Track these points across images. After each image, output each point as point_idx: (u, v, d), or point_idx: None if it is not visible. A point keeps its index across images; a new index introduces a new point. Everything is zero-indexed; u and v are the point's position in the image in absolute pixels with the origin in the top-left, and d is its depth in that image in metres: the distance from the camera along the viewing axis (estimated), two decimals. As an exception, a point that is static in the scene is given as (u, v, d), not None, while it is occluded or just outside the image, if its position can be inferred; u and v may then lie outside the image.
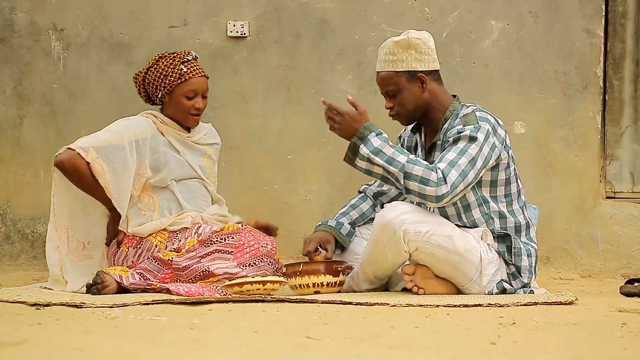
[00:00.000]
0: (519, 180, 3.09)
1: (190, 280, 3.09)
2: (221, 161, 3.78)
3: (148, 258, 3.17)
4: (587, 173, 3.68)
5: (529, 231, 3.09)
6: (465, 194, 3.00)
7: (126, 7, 3.80)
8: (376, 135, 2.92)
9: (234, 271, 3.07)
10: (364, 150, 2.90)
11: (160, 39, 3.77)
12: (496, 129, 2.99)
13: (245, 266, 3.10)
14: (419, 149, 3.18)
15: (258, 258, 3.13)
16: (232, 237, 3.14)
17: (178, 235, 3.21)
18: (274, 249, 3.17)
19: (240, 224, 3.21)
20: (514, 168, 3.07)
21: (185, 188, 3.32)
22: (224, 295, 2.96)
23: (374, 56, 3.70)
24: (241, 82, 3.78)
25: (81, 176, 3.14)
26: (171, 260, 3.10)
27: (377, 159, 2.89)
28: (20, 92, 3.84)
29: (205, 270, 3.07)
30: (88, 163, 3.12)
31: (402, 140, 3.30)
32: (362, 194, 3.32)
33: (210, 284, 3.06)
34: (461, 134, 2.94)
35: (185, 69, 3.23)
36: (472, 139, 2.92)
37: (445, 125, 3.04)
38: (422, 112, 3.08)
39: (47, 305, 2.75)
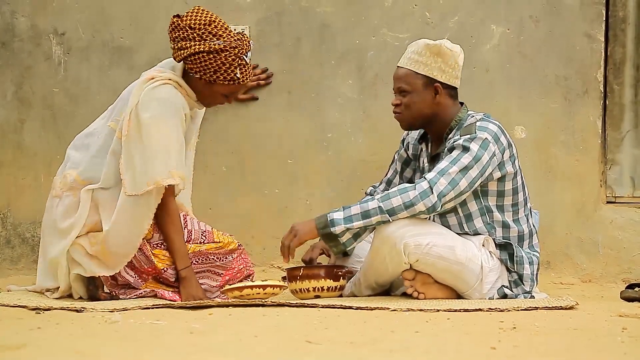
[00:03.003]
0: (525, 189, 3.10)
1: (173, 286, 3.07)
2: (221, 165, 3.79)
3: (139, 249, 3.04)
4: (587, 178, 3.68)
5: (532, 239, 3.09)
6: (467, 203, 3.00)
7: (127, 11, 3.80)
8: (333, 212, 2.92)
9: (214, 295, 3.09)
10: (337, 229, 2.90)
11: (162, 43, 3.77)
12: (498, 138, 2.98)
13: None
14: (424, 158, 3.18)
15: (239, 281, 3.15)
16: (227, 258, 3.13)
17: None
18: (252, 276, 3.20)
19: (237, 245, 3.17)
20: (522, 177, 3.07)
21: None
22: (224, 298, 2.96)
23: (375, 60, 3.71)
24: (242, 87, 3.78)
25: (172, 232, 3.05)
26: (164, 270, 3.05)
27: (355, 224, 2.89)
28: (21, 96, 3.84)
29: None
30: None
31: (406, 144, 3.30)
32: (370, 196, 3.32)
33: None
34: (455, 144, 2.95)
35: (239, 75, 3.06)
36: (465, 149, 2.93)
37: (450, 136, 3.04)
38: (424, 121, 3.08)
39: (48, 309, 2.75)
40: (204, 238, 3.13)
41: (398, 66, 3.09)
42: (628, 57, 3.74)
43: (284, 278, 3.11)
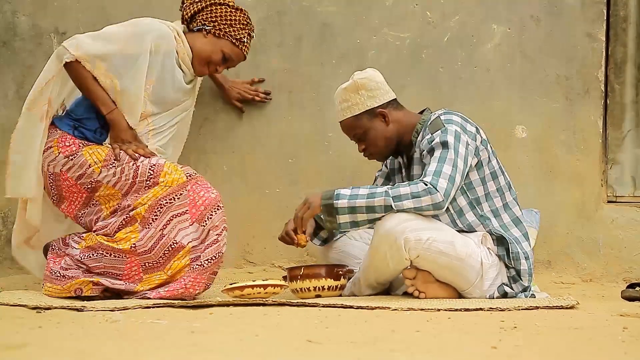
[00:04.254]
0: (505, 174, 3.12)
1: (161, 259, 3.03)
2: (222, 165, 3.79)
3: (104, 255, 3.03)
4: (588, 177, 3.68)
5: (523, 226, 3.11)
6: (456, 199, 3.03)
7: (127, 11, 3.80)
8: (342, 188, 2.97)
9: (197, 235, 3.04)
10: (340, 203, 2.92)
11: (162, 43, 3.77)
12: (465, 127, 3.03)
13: (205, 222, 3.05)
14: (402, 168, 3.21)
15: (213, 209, 3.08)
16: (182, 193, 3.07)
17: (114, 163, 3.08)
18: (219, 197, 3.13)
19: (187, 175, 3.09)
20: (497, 161, 3.10)
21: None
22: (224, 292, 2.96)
23: (376, 60, 3.71)
24: (243, 86, 3.78)
25: (86, 87, 3.14)
26: (134, 247, 3.03)
27: (358, 202, 2.91)
28: (22, 95, 3.84)
29: (173, 243, 3.03)
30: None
31: (383, 164, 3.33)
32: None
33: (180, 261, 3.03)
34: (432, 143, 2.99)
35: (245, 41, 3.26)
36: (444, 144, 2.96)
37: (419, 138, 3.09)
38: (395, 144, 3.14)
39: (48, 308, 2.75)
40: (152, 172, 3.07)
41: (339, 122, 3.16)
42: (629, 57, 3.74)
43: (284, 277, 3.11)
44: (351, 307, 2.76)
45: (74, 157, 3.10)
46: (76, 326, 2.41)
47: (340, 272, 3.05)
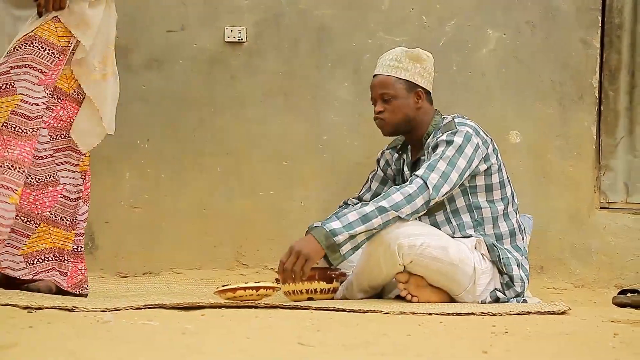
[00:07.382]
0: (511, 184, 3.13)
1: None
2: (216, 166, 3.79)
3: None
4: (581, 183, 3.69)
5: (523, 236, 3.12)
6: (455, 200, 3.03)
7: (124, 12, 3.79)
8: (327, 222, 2.87)
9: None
10: (340, 238, 2.82)
11: (158, 44, 3.78)
12: (478, 131, 3.05)
13: None
14: (405, 168, 3.21)
15: None
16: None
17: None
18: (28, 157, 2.90)
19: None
20: (506, 171, 3.11)
21: None
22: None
23: (372, 64, 3.70)
24: (239, 88, 3.78)
25: None
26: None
27: (356, 230, 2.83)
28: (17, 95, 3.84)
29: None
30: None
31: (382, 165, 3.32)
32: (344, 204, 3.37)
33: None
34: (439, 140, 2.99)
35: None
36: (449, 143, 2.98)
37: (429, 140, 3.09)
38: (406, 127, 3.13)
39: (39, 308, 2.74)
40: None
41: (376, 74, 3.15)
42: (623, 64, 3.75)
43: (277, 279, 3.11)
44: (343, 310, 2.76)
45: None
46: (67, 326, 2.41)
47: (333, 275, 3.05)
